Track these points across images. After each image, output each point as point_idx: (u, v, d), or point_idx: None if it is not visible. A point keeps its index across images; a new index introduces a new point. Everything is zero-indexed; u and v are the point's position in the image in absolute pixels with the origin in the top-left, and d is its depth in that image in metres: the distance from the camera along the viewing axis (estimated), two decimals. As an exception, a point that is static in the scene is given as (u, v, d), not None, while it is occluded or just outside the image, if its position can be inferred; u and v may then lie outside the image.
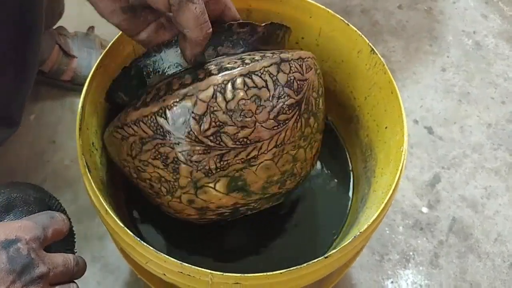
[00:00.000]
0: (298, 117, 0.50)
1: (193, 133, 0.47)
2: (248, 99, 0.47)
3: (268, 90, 0.48)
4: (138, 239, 0.47)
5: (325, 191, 0.71)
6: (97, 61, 0.57)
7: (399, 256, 0.86)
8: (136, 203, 0.67)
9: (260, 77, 0.48)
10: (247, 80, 0.47)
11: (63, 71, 0.96)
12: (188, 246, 0.61)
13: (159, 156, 0.49)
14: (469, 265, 0.85)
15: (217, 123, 0.47)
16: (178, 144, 0.48)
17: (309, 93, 0.51)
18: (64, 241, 0.49)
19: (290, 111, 0.49)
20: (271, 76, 0.48)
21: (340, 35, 0.64)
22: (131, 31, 0.49)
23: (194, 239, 0.63)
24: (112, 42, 0.59)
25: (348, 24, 0.62)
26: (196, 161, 0.49)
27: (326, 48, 0.67)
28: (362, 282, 0.83)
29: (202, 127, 0.47)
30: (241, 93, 0.47)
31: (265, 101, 0.48)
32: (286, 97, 0.49)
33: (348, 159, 0.72)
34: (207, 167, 0.49)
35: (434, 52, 1.10)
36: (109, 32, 0.61)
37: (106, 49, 0.58)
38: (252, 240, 0.57)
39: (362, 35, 0.61)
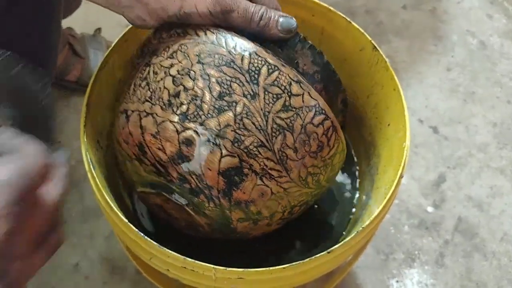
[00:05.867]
0: None
1: None
2: None
3: None
4: (142, 234, 0.47)
5: (330, 190, 0.71)
6: (102, 59, 0.58)
7: (404, 255, 0.85)
8: (142, 204, 0.67)
9: None
10: None
11: (69, 71, 0.97)
12: (193, 242, 0.61)
13: None
14: (475, 265, 0.85)
15: None
16: None
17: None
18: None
19: None
20: None
21: (343, 33, 0.64)
22: None
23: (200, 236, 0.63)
24: (117, 40, 0.60)
25: (350, 22, 0.62)
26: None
27: (329, 47, 0.67)
28: (367, 282, 0.83)
29: None
30: None
31: None
32: None
33: (353, 157, 0.72)
34: None
35: (438, 52, 1.10)
36: (116, 34, 0.62)
37: (111, 47, 0.59)
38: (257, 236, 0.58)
39: (365, 33, 0.61)
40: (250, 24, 0.47)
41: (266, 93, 0.46)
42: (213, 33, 0.48)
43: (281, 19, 0.48)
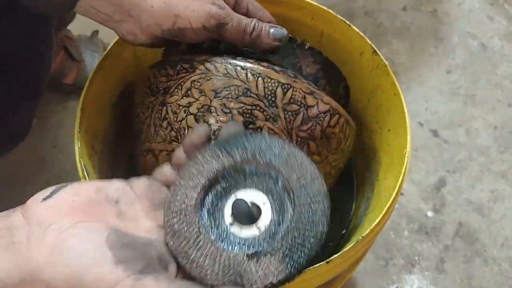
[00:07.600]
0: None
1: None
2: None
3: None
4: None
5: (329, 196, 0.70)
6: (97, 63, 0.57)
7: (404, 261, 0.84)
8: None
9: None
10: None
11: (66, 74, 0.96)
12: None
13: None
14: (476, 270, 0.84)
15: None
16: None
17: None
18: None
19: None
20: None
21: (342, 37, 0.63)
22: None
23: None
24: (112, 44, 0.58)
25: (350, 26, 0.61)
26: None
27: (328, 50, 0.66)
28: None
29: None
30: None
31: None
32: None
33: (351, 162, 0.71)
34: None
35: (439, 54, 1.09)
36: (113, 37, 0.60)
37: (106, 51, 0.58)
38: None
39: (364, 37, 0.60)
40: (244, 36, 0.49)
41: (286, 112, 0.49)
42: (221, 63, 0.49)
43: (272, 30, 0.49)
